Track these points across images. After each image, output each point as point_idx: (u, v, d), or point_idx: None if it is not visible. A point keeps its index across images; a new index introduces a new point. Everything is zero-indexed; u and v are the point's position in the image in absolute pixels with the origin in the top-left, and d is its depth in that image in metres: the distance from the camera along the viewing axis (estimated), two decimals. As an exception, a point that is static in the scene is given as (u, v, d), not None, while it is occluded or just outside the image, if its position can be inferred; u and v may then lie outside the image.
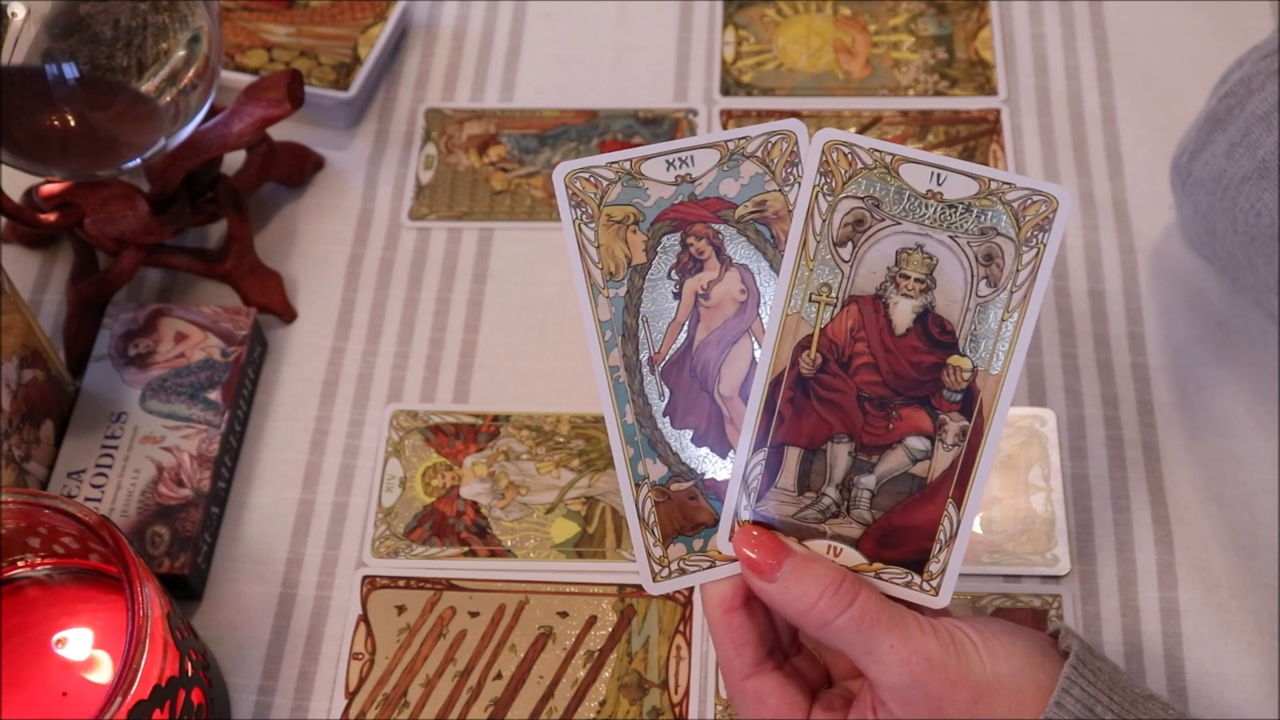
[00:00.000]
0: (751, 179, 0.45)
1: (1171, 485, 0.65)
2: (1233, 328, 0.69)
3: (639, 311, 0.45)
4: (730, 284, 0.46)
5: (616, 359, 0.45)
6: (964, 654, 0.47)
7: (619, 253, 0.44)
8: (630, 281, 0.44)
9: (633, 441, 0.46)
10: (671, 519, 0.48)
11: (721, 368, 0.47)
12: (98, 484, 0.65)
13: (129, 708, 0.50)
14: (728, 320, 0.46)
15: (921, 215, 0.44)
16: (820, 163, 0.44)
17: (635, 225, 0.44)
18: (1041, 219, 0.45)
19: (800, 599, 0.47)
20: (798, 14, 0.82)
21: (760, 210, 0.45)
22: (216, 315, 0.70)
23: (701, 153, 0.44)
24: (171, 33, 0.64)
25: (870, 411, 0.47)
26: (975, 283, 0.45)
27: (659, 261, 0.45)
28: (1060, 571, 0.63)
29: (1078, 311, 0.70)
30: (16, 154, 0.64)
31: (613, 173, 0.43)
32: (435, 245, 0.74)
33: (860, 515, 0.48)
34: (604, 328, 0.45)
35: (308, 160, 0.77)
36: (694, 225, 0.45)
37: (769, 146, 0.45)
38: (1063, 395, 0.68)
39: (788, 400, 0.46)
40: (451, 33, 0.82)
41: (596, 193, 0.43)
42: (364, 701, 0.61)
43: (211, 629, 0.63)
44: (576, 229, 0.44)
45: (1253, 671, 0.60)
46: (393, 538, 0.65)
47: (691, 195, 0.44)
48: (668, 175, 0.44)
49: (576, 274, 0.44)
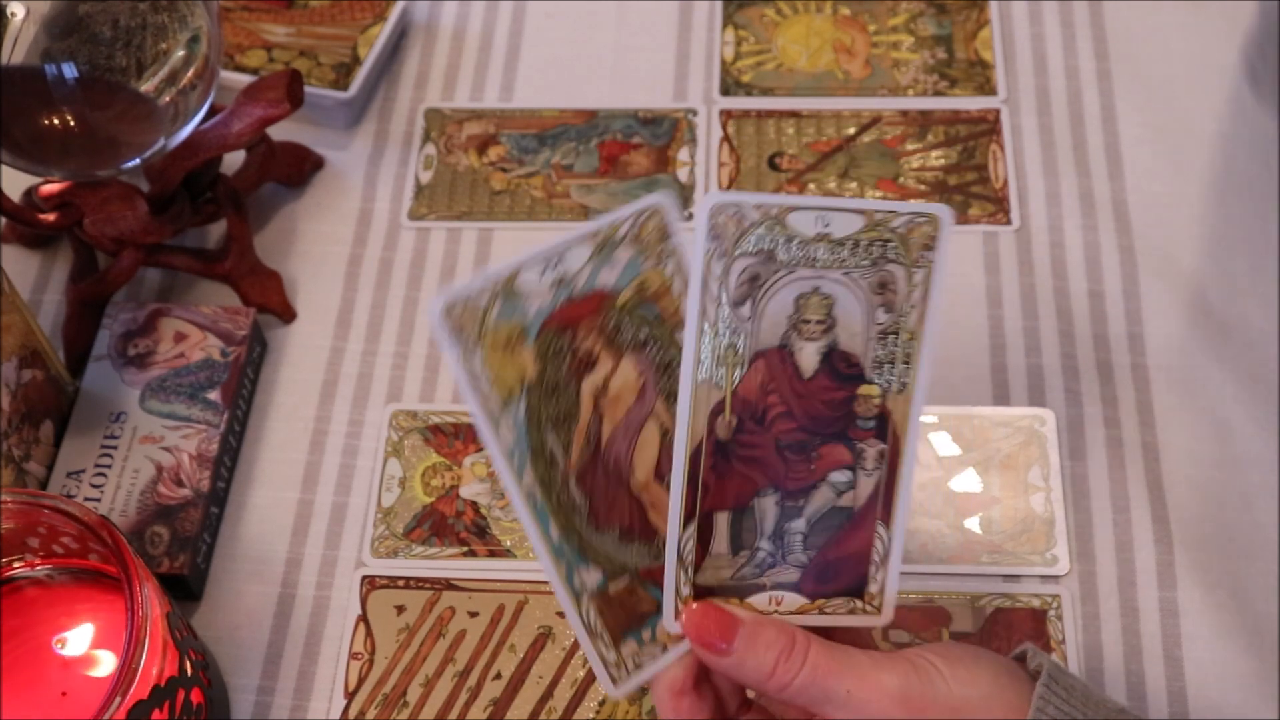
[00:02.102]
0: (628, 263, 0.45)
1: (1171, 485, 0.65)
2: (1233, 328, 0.69)
3: (541, 426, 0.44)
4: (625, 374, 0.46)
5: (529, 480, 0.44)
6: (928, 681, 0.47)
7: (510, 375, 0.43)
8: (527, 399, 0.44)
9: (563, 556, 0.46)
10: (617, 619, 0.48)
11: (633, 458, 0.47)
12: (97, 484, 0.65)
13: (128, 707, 0.50)
14: (630, 410, 0.46)
15: (814, 259, 0.45)
16: (709, 228, 0.43)
17: (521, 341, 0.43)
18: (927, 239, 0.46)
19: (757, 669, 0.47)
20: (797, 14, 0.82)
21: (642, 291, 0.45)
22: (216, 315, 0.70)
23: (573, 251, 0.43)
24: (171, 33, 0.64)
25: (791, 458, 0.47)
26: (873, 312, 0.46)
27: (551, 370, 0.44)
28: (1060, 571, 0.63)
29: (1077, 312, 0.70)
30: (16, 154, 0.64)
31: (488, 295, 0.42)
32: (435, 245, 0.74)
33: (796, 559, 0.49)
34: (510, 454, 0.44)
35: (307, 160, 0.77)
36: (579, 325, 0.44)
37: (639, 227, 0.44)
38: (1062, 395, 0.68)
39: (710, 468, 0.46)
40: (451, 33, 0.82)
41: (475, 320, 0.42)
42: (363, 701, 0.61)
43: (211, 629, 0.63)
44: (464, 365, 0.43)
45: (1252, 672, 0.60)
46: (392, 538, 0.65)
47: (570, 296, 0.44)
48: (543, 282, 0.43)
49: (471, 407, 0.43)
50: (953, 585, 0.63)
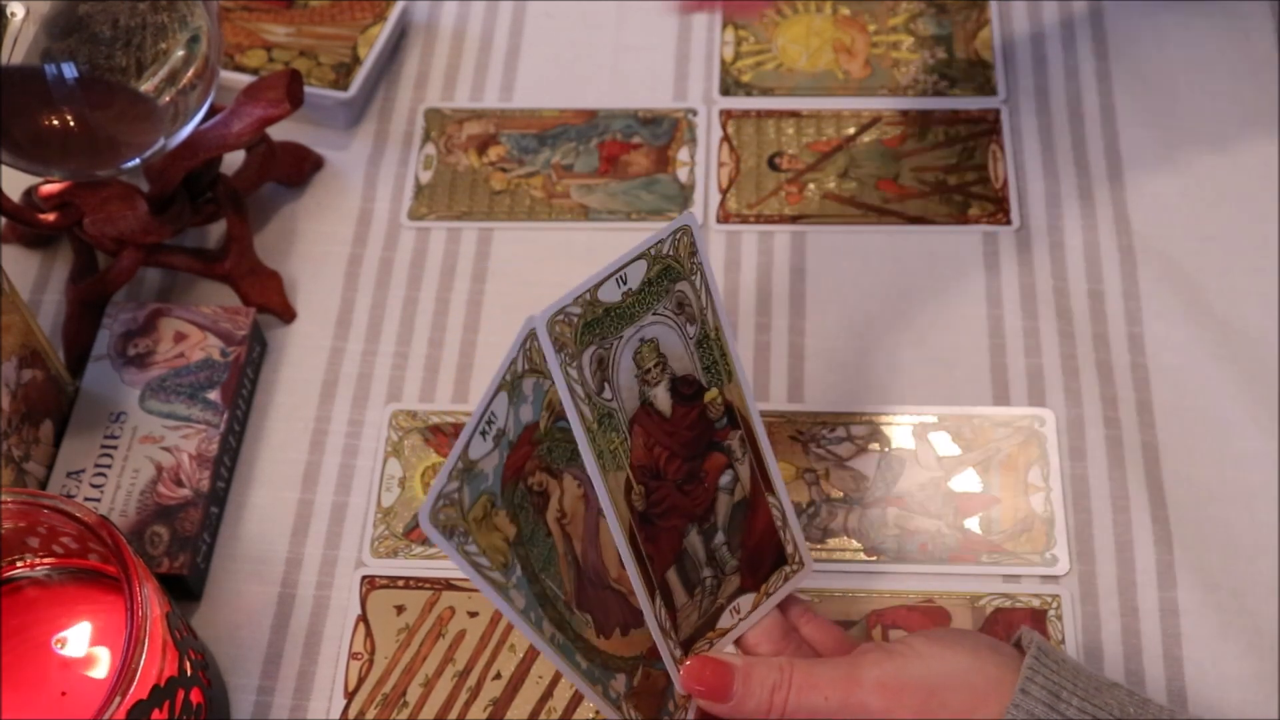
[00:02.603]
0: (534, 391, 0.46)
1: (1171, 485, 0.65)
2: (1233, 328, 0.69)
3: (537, 575, 0.47)
4: (569, 490, 0.48)
5: (549, 628, 0.47)
6: (904, 663, 0.50)
7: (498, 544, 0.45)
8: (518, 556, 0.46)
9: (596, 678, 0.49)
10: (648, 705, 0.51)
11: (603, 559, 0.49)
12: (97, 484, 0.65)
13: (128, 707, 0.50)
14: (584, 520, 0.49)
15: (630, 317, 0.48)
16: (552, 344, 0.46)
17: (493, 509, 0.45)
18: (690, 248, 0.49)
19: (757, 706, 0.51)
20: (797, 14, 0.82)
21: (551, 410, 0.47)
22: (216, 315, 0.70)
23: (496, 403, 0.45)
24: (171, 32, 0.64)
25: (689, 489, 0.51)
26: (684, 331, 0.50)
27: (524, 521, 0.47)
28: (1059, 571, 0.63)
29: (1077, 311, 0.70)
30: (16, 154, 0.64)
31: (455, 482, 0.44)
32: (435, 245, 0.74)
33: (731, 566, 0.53)
34: (527, 613, 0.47)
35: (307, 160, 0.77)
36: (523, 468, 0.47)
37: (529, 355, 0.46)
38: (1062, 395, 0.68)
39: (646, 540, 0.50)
40: (451, 33, 0.82)
41: (456, 511, 0.44)
42: (363, 701, 0.61)
43: (211, 629, 0.63)
44: (463, 556, 0.45)
45: (1252, 671, 0.60)
46: (392, 538, 0.65)
47: (510, 445, 0.46)
48: (487, 445, 0.45)
49: (483, 589, 0.45)
50: (952, 585, 0.63)
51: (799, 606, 0.56)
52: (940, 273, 0.72)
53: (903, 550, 0.64)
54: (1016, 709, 0.48)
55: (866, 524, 0.64)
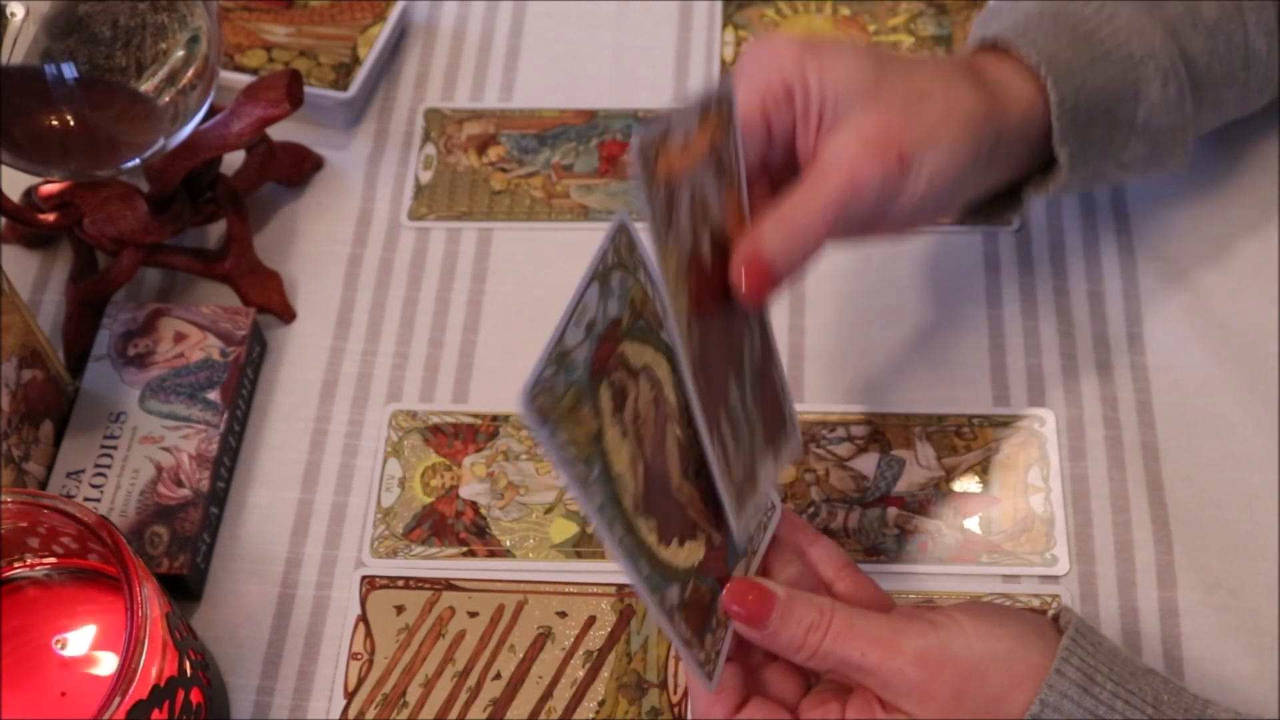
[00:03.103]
0: (620, 285, 0.46)
1: (1171, 485, 0.65)
2: (1233, 328, 0.69)
3: (614, 475, 0.46)
4: (644, 392, 0.47)
5: (620, 529, 0.46)
6: (947, 639, 0.49)
7: (583, 438, 0.44)
8: (600, 455, 0.45)
9: (655, 587, 0.48)
10: (696, 620, 0.50)
11: (667, 468, 0.48)
12: (97, 484, 0.65)
13: (128, 708, 0.50)
14: (655, 423, 0.48)
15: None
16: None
17: (583, 401, 0.44)
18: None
19: (790, 641, 0.50)
20: (797, 14, 0.82)
21: (634, 309, 0.46)
22: (216, 315, 0.70)
23: (589, 293, 0.44)
24: (170, 32, 0.64)
25: (730, 339, 0.51)
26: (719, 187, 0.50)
27: (604, 417, 0.45)
28: (1059, 572, 0.63)
29: (1077, 312, 0.70)
30: (16, 154, 0.64)
31: (552, 367, 0.43)
32: (434, 245, 0.74)
33: (757, 420, 0.53)
34: (602, 510, 0.45)
35: (307, 160, 0.77)
36: (608, 364, 0.46)
37: (619, 249, 0.45)
38: (1062, 395, 0.68)
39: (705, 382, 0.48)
40: (451, 33, 0.82)
41: (550, 398, 0.43)
42: (363, 701, 0.61)
43: (210, 629, 0.63)
44: (553, 443, 0.43)
45: (1252, 672, 0.60)
46: (392, 538, 0.65)
47: (599, 338, 0.45)
48: (579, 333, 0.44)
49: (566, 479, 0.44)
50: (952, 585, 0.63)
51: (838, 561, 0.55)
52: (940, 273, 0.72)
53: (903, 550, 0.64)
54: (1050, 689, 0.48)
55: (866, 524, 0.64)
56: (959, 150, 0.54)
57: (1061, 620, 0.51)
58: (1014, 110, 0.58)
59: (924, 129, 0.53)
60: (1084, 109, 0.59)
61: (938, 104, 0.54)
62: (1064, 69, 0.59)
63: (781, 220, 0.50)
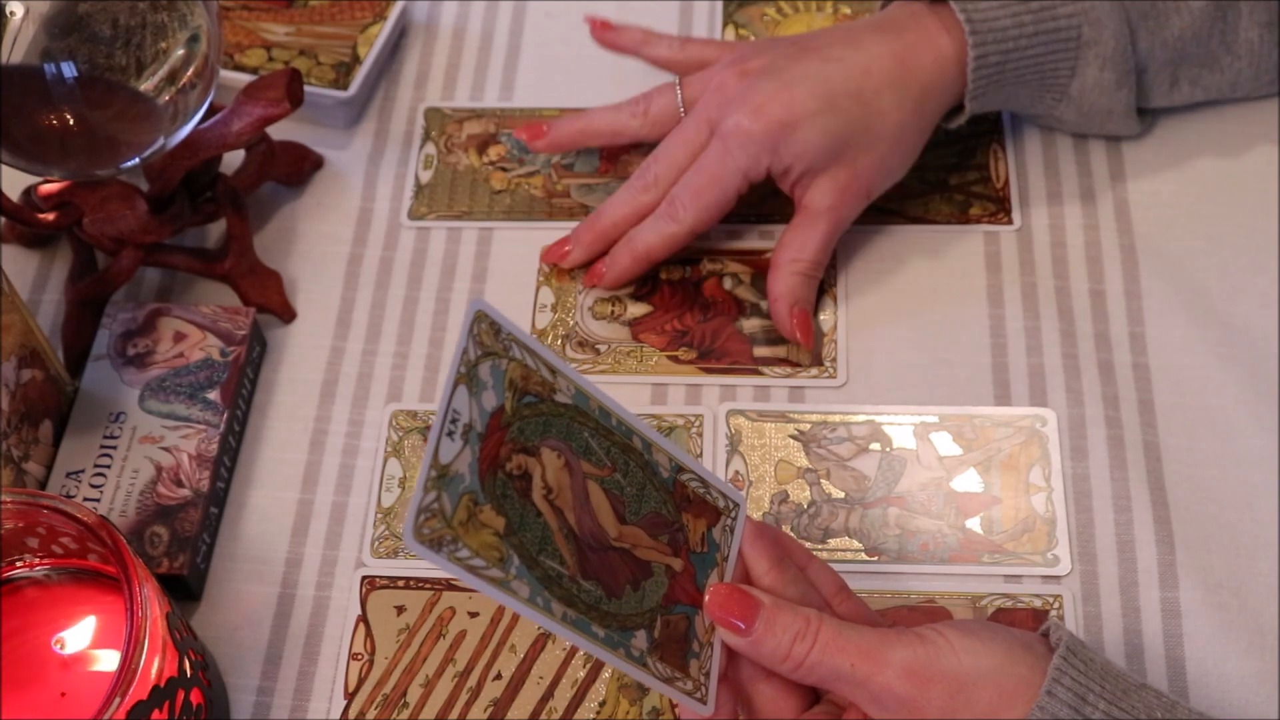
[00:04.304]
0: (492, 375, 0.45)
1: (1172, 485, 0.65)
2: (1234, 327, 0.69)
3: (535, 559, 0.46)
4: (550, 463, 0.47)
5: (558, 608, 0.46)
6: (935, 654, 0.49)
7: (489, 540, 0.44)
8: (512, 546, 0.45)
9: (615, 643, 0.48)
10: (674, 652, 0.50)
11: (599, 521, 0.48)
12: (96, 484, 0.65)
13: (128, 708, 0.50)
14: (573, 488, 0.48)
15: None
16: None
17: (477, 506, 0.44)
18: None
19: (776, 649, 0.49)
20: (798, 13, 0.82)
21: (514, 389, 0.46)
22: (215, 315, 0.69)
23: (456, 398, 0.44)
24: (170, 32, 0.64)
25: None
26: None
27: (511, 509, 0.45)
28: (1061, 572, 0.63)
29: (1078, 311, 0.70)
30: (16, 153, 0.64)
31: (433, 492, 0.43)
32: (435, 245, 0.74)
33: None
34: (534, 599, 0.45)
35: (307, 160, 0.77)
36: (498, 455, 0.45)
37: (479, 338, 0.45)
38: (1063, 395, 0.68)
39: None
40: (451, 32, 0.82)
41: (440, 521, 0.43)
42: (363, 702, 0.61)
43: (210, 629, 0.63)
44: (454, 562, 0.43)
45: (1254, 672, 0.60)
46: (392, 538, 0.65)
47: (480, 437, 0.45)
48: (456, 444, 0.44)
49: (483, 589, 0.44)
50: (954, 585, 0.63)
51: (834, 583, 0.54)
52: (941, 273, 0.72)
53: (904, 550, 0.64)
54: (1041, 711, 0.47)
55: (867, 524, 0.64)
56: (908, 159, 0.70)
57: (1052, 637, 0.50)
58: (928, 72, 0.68)
59: (885, 170, 0.69)
60: (1011, 70, 0.68)
61: (885, 143, 0.68)
62: (998, 33, 0.66)
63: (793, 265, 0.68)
